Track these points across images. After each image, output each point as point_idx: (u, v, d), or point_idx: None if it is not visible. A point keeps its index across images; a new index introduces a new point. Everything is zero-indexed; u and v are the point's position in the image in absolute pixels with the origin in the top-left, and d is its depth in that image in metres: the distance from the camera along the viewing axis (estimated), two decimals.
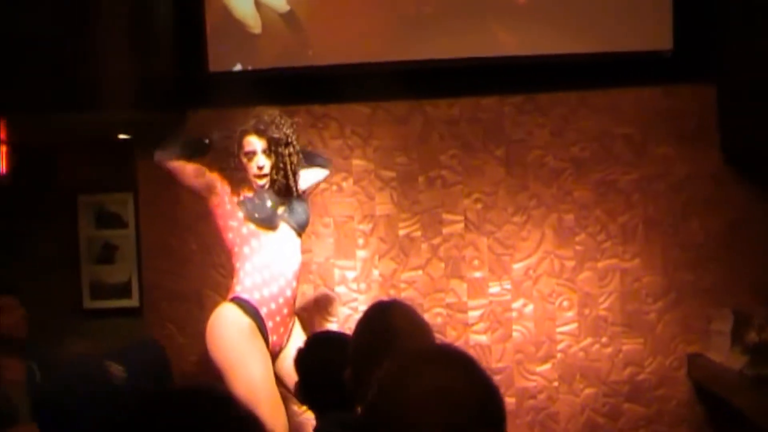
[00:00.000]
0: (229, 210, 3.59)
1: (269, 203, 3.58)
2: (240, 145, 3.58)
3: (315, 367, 2.64)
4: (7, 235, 4.41)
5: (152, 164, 4.39)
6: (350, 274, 4.38)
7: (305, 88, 4.34)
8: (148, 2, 4.16)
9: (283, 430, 3.43)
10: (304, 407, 3.02)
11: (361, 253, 4.39)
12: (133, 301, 4.50)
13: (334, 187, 4.37)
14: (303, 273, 4.34)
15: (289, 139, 3.58)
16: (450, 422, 1.33)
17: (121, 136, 4.43)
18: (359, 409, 2.27)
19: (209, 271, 4.40)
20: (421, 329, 2.47)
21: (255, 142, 3.56)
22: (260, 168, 3.55)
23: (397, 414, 1.35)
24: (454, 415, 1.34)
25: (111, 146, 4.48)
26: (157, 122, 4.32)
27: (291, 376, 3.59)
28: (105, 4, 4.04)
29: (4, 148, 4.36)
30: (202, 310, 4.38)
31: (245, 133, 3.57)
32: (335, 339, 2.83)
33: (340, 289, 4.39)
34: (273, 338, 3.53)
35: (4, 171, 4.36)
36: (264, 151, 3.55)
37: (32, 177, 4.46)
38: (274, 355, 3.58)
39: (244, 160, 3.59)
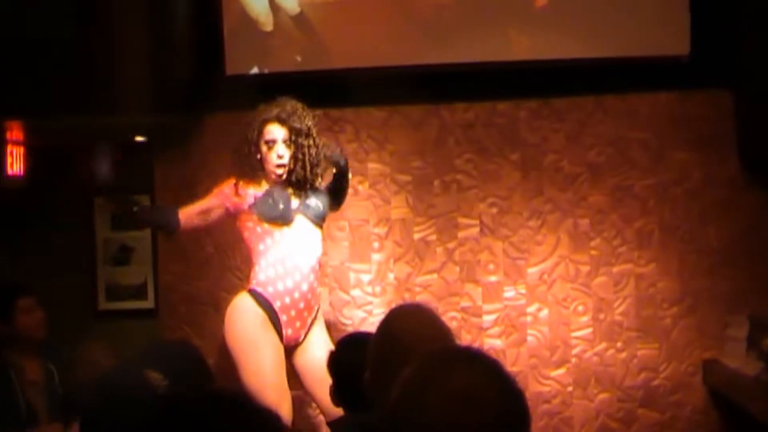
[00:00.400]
0: (245, 212, 3.60)
1: (281, 201, 3.57)
2: (260, 133, 3.55)
3: (347, 368, 2.64)
4: (24, 236, 4.43)
5: (169, 166, 4.44)
6: (365, 278, 4.39)
7: (321, 92, 4.33)
8: (167, 5, 4.17)
9: (287, 417, 3.44)
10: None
11: (377, 257, 4.40)
12: (149, 303, 4.52)
13: (350, 191, 4.37)
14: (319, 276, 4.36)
15: (310, 131, 3.56)
16: (474, 425, 1.33)
17: (138, 139, 4.45)
18: (378, 411, 2.27)
19: (225, 273, 4.42)
20: (443, 333, 2.47)
21: (276, 131, 3.54)
22: (280, 157, 3.52)
23: (421, 416, 1.34)
24: (478, 417, 1.33)
25: (128, 149, 4.50)
26: (174, 125, 4.35)
27: (309, 370, 3.60)
28: (123, 7, 4.06)
29: (21, 150, 4.39)
30: (218, 312, 4.39)
31: (267, 121, 3.55)
32: (366, 340, 2.82)
33: (355, 293, 4.39)
34: (288, 332, 3.53)
35: (22, 173, 4.39)
36: (285, 141, 3.53)
37: (49, 179, 4.49)
38: (290, 348, 3.59)
39: (264, 148, 3.55)
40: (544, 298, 4.36)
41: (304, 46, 4.34)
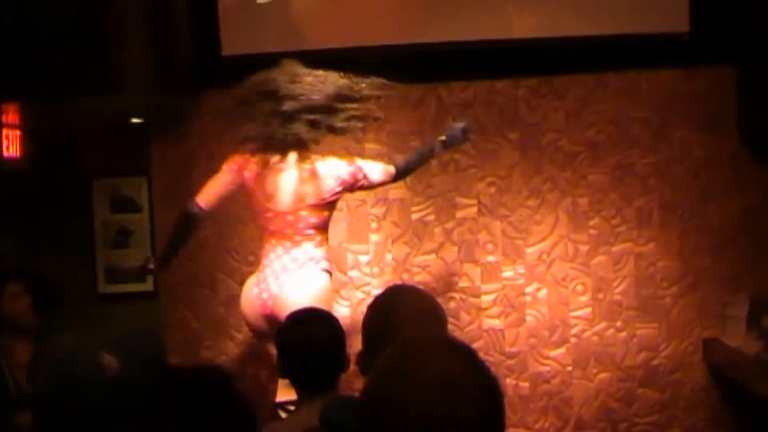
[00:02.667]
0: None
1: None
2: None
3: (295, 343, 2.65)
4: (22, 219, 4.44)
5: (166, 148, 4.43)
6: (363, 258, 4.38)
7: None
8: None
9: None
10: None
11: (374, 237, 4.38)
12: (148, 286, 4.53)
13: None
14: None
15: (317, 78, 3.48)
16: (451, 412, 1.32)
17: (135, 121, 4.44)
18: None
19: (223, 255, 4.41)
20: (433, 316, 2.46)
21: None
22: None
23: (395, 402, 1.34)
24: (455, 405, 1.33)
25: (125, 131, 4.49)
26: (171, 107, 4.34)
27: None
28: None
29: (19, 134, 4.39)
30: (216, 294, 4.41)
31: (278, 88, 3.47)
32: (317, 316, 2.82)
33: (353, 273, 4.39)
34: None
35: (20, 156, 4.39)
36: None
37: (47, 162, 4.49)
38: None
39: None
40: (543, 277, 4.34)
41: (302, 25, 4.32)
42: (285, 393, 3.29)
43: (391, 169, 3.68)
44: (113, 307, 4.46)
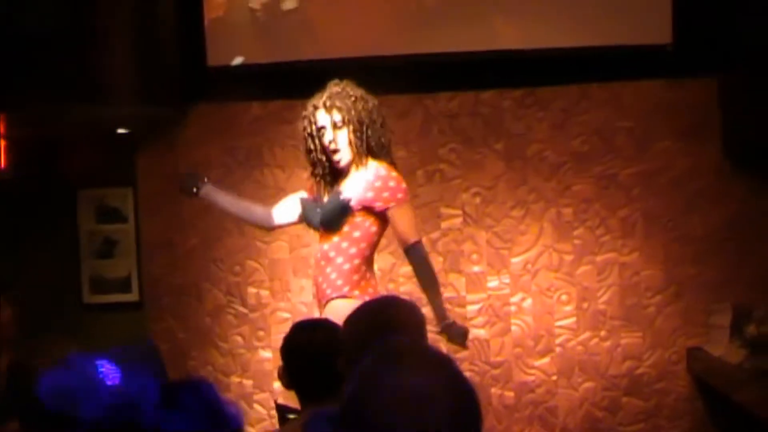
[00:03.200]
0: None
1: (312, 211, 3.51)
2: (312, 123, 3.45)
3: (298, 351, 2.66)
4: (7, 229, 4.42)
5: (152, 158, 4.43)
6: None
7: (304, 82, 4.30)
8: None
9: None
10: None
11: None
12: (133, 296, 4.51)
13: None
14: (302, 267, 4.37)
15: (357, 100, 3.42)
16: (427, 422, 1.33)
17: (121, 131, 4.43)
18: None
19: (209, 265, 4.41)
20: (416, 326, 2.49)
21: (321, 116, 3.42)
22: (330, 142, 3.40)
23: (371, 412, 1.34)
24: (431, 414, 1.33)
25: (111, 141, 4.48)
26: (157, 117, 4.34)
27: None
28: None
29: (4, 143, 4.37)
30: (202, 304, 4.41)
31: (316, 108, 3.45)
32: (320, 326, 2.84)
33: None
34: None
35: (4, 165, 4.37)
36: (334, 125, 3.39)
37: (32, 171, 4.47)
38: None
39: (318, 141, 3.44)
40: (528, 287, 4.36)
41: (288, 36, 4.33)
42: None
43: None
44: (98, 318, 4.43)
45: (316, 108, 3.45)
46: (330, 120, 3.40)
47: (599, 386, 4.35)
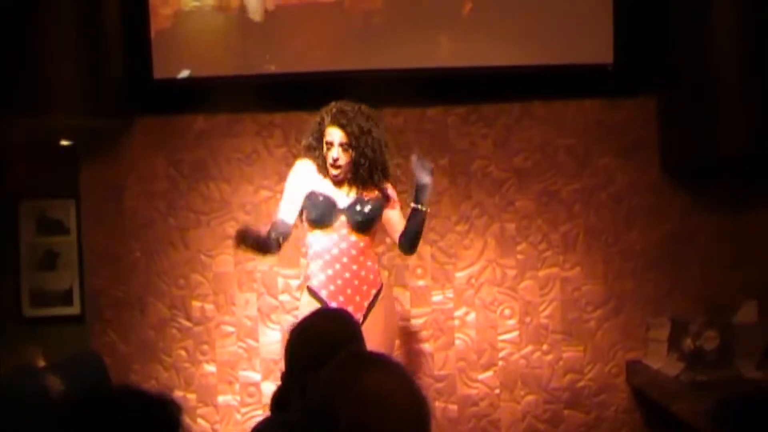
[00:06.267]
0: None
1: (325, 204, 3.59)
2: (322, 133, 3.60)
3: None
4: None
5: (95, 171, 4.39)
6: (294, 283, 4.39)
7: (250, 96, 4.34)
8: (95, 8, 4.12)
9: None
10: None
11: (305, 262, 4.39)
12: (75, 309, 4.45)
13: (278, 196, 4.37)
14: (247, 281, 4.36)
15: (371, 131, 3.58)
16: (386, 426, 1.38)
17: (64, 142, 4.39)
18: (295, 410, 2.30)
19: (152, 278, 4.38)
20: (356, 336, 2.55)
21: (334, 134, 3.56)
22: (335, 159, 3.56)
23: (336, 417, 1.39)
24: (390, 419, 1.38)
25: (54, 152, 4.43)
26: (101, 129, 4.30)
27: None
28: (51, 8, 4.00)
29: None
30: (145, 317, 4.37)
31: (328, 123, 3.58)
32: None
33: (283, 297, 4.39)
34: None
35: None
36: (341, 144, 3.55)
37: None
38: None
39: (324, 147, 3.59)
40: (472, 301, 4.41)
41: (234, 50, 4.34)
42: None
43: None
44: (39, 331, 4.36)
45: (332, 123, 3.57)
46: (338, 139, 3.55)
47: (541, 399, 4.41)
